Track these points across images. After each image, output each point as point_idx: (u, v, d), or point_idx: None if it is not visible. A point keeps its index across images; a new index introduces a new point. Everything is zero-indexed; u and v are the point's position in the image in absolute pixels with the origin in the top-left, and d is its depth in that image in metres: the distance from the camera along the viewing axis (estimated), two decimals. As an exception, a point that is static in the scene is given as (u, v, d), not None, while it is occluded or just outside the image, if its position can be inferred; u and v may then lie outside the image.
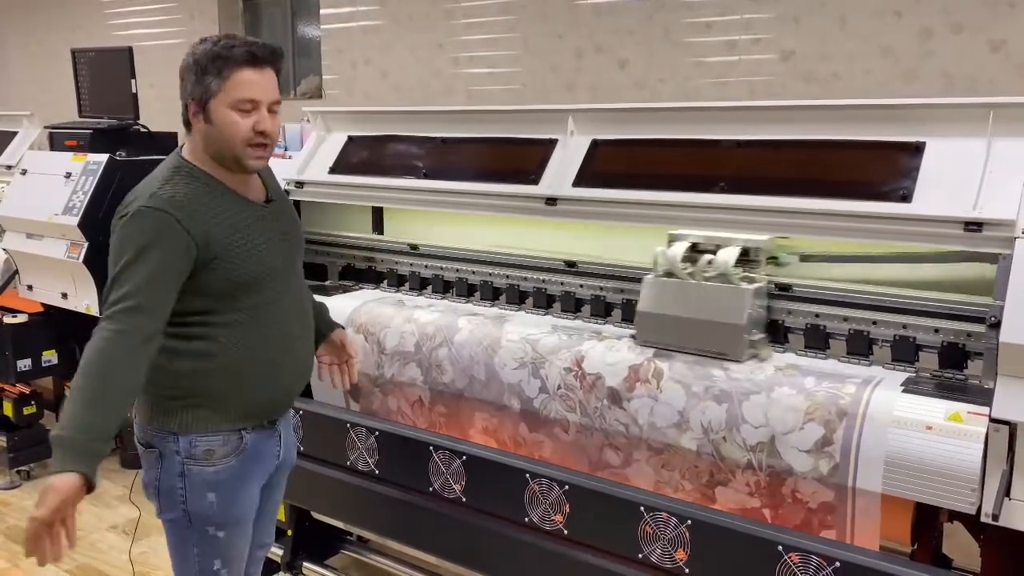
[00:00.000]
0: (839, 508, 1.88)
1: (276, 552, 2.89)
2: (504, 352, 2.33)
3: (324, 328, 2.30)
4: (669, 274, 2.11)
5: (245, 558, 2.09)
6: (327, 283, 3.05)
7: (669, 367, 2.08)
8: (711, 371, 2.03)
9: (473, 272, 2.73)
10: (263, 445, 2.03)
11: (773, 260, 2.14)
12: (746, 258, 2.08)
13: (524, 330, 2.36)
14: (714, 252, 2.08)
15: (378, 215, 3.11)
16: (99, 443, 1.69)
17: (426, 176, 2.72)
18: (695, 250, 2.12)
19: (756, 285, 2.07)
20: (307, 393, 2.79)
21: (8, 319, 3.90)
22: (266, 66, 1.88)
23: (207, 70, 1.84)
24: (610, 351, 2.18)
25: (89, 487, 1.67)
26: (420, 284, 2.85)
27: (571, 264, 2.52)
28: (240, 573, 2.08)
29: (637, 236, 2.45)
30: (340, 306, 2.68)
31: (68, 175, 3.62)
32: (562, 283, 2.55)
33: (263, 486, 2.08)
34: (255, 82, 1.86)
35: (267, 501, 2.14)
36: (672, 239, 2.15)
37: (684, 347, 2.09)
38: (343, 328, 2.37)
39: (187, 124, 1.94)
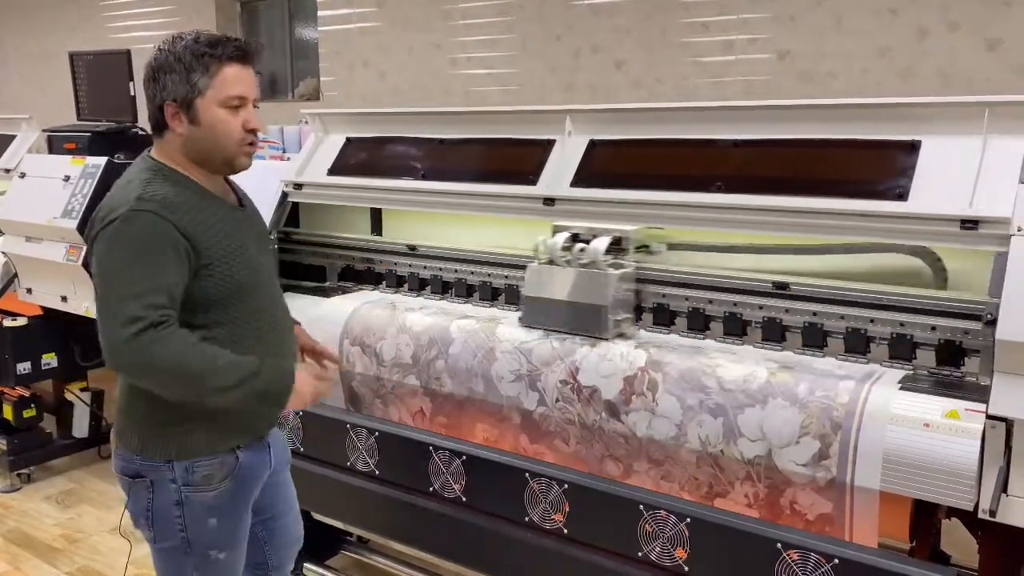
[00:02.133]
0: (837, 519, 1.89)
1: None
2: (500, 364, 2.33)
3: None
4: (550, 261, 2.29)
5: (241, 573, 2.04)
6: (326, 284, 3.05)
7: (663, 378, 2.08)
8: (704, 382, 2.02)
9: (472, 273, 2.73)
10: (256, 461, 1.97)
11: (644, 248, 2.32)
12: (617, 247, 2.27)
13: (516, 336, 2.35)
14: (588, 241, 2.26)
15: (377, 216, 3.11)
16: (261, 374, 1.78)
17: (424, 177, 2.72)
18: (575, 240, 2.29)
19: (623, 271, 2.23)
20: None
21: (8, 322, 3.90)
22: (250, 63, 1.84)
23: (193, 68, 1.77)
24: (603, 361, 2.18)
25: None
26: (419, 285, 2.85)
27: (569, 264, 2.54)
28: None
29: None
30: (335, 311, 2.69)
31: (67, 178, 3.61)
32: (560, 283, 2.56)
33: (270, 486, 2.06)
34: (244, 78, 1.81)
35: (278, 501, 2.12)
36: (555, 230, 2.33)
37: (562, 328, 2.27)
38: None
39: (160, 128, 1.84)
